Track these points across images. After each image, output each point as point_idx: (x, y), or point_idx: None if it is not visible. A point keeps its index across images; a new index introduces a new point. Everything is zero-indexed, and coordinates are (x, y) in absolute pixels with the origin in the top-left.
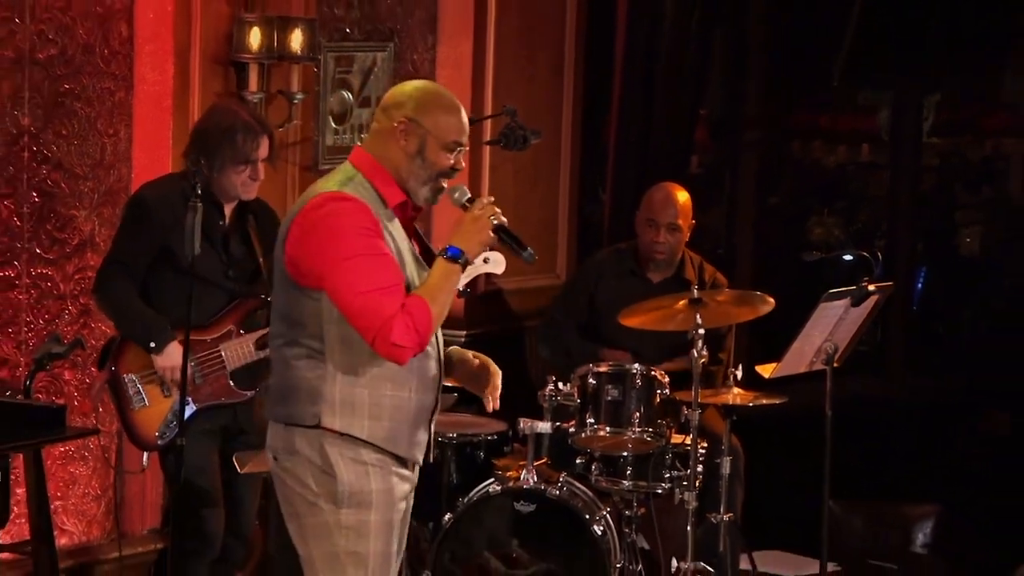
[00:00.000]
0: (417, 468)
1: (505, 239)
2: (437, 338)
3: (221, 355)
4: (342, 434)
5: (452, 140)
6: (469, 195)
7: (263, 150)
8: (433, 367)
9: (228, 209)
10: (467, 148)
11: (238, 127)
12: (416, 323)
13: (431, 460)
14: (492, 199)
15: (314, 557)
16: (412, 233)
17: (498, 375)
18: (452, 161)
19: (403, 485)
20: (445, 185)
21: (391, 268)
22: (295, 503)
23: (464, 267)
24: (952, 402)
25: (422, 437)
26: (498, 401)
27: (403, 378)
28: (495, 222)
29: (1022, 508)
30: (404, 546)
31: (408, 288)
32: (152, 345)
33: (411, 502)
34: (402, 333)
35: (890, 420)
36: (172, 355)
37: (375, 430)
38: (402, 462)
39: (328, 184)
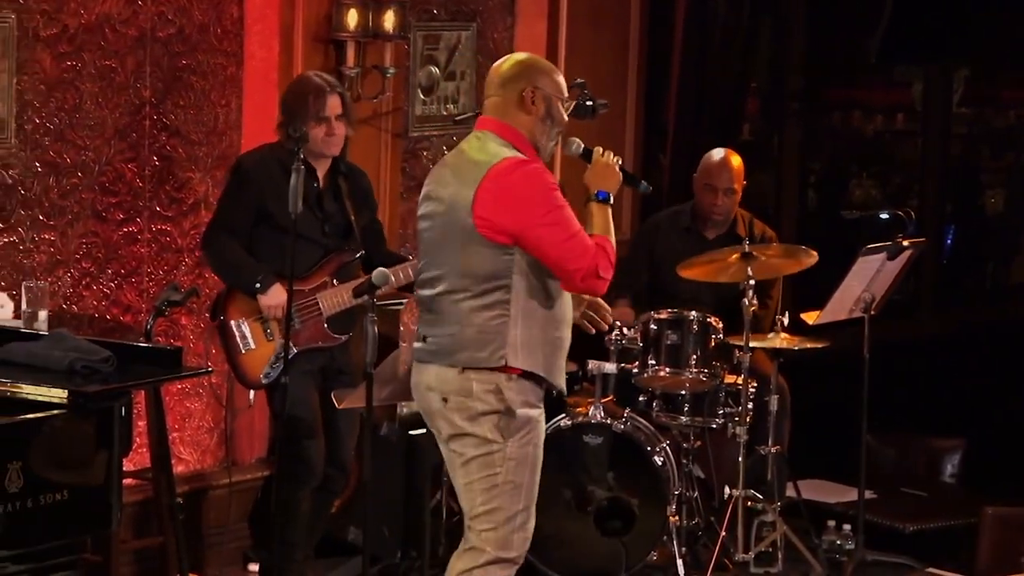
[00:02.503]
0: None
1: (625, 176)
2: None
3: (318, 303)
4: (520, 373)
5: (566, 96)
6: (583, 145)
7: (334, 107)
8: (571, 307)
9: (321, 172)
10: None
11: (309, 90)
12: (609, 257)
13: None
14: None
15: (475, 488)
16: None
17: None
18: (567, 116)
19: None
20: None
21: (574, 216)
22: (463, 439)
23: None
24: (977, 345)
25: (566, 369)
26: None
27: (563, 318)
28: (619, 163)
29: None
30: None
31: None
32: (257, 286)
33: None
34: (606, 267)
35: (921, 362)
36: (276, 295)
37: (548, 366)
38: (544, 396)
39: (489, 152)
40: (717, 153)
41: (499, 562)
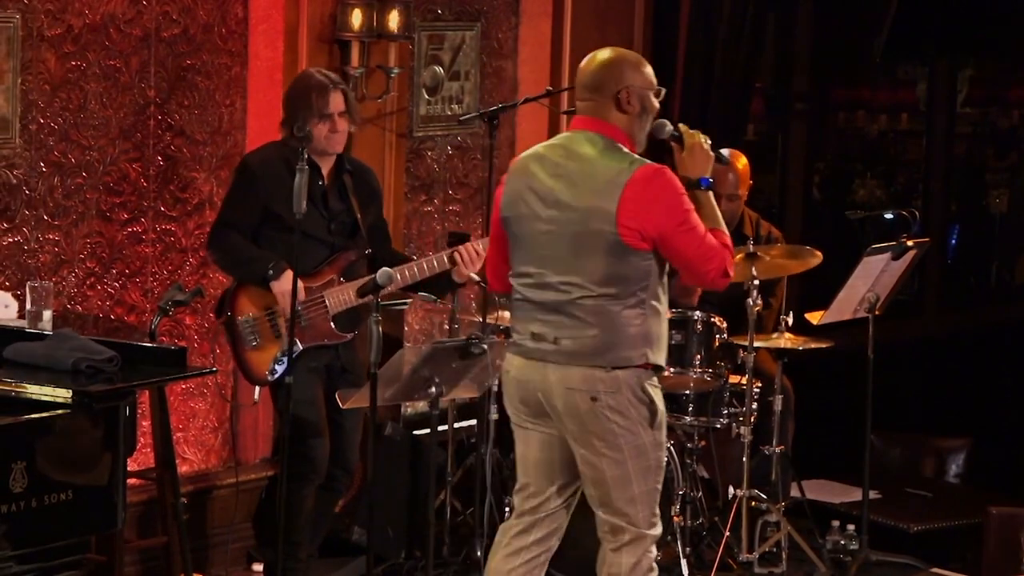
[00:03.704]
0: None
1: (714, 152)
2: None
3: (324, 301)
4: (655, 366)
5: (656, 85)
6: (672, 127)
7: (336, 103)
8: None
9: (325, 170)
10: None
11: (311, 86)
12: (732, 253)
13: None
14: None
15: (631, 473)
16: None
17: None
18: (657, 103)
19: None
20: None
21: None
22: (614, 432)
23: None
24: (982, 345)
25: None
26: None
27: (666, 311)
28: (708, 142)
29: None
30: None
31: None
32: (270, 273)
33: None
34: (731, 263)
35: (926, 362)
36: (288, 280)
37: (666, 357)
38: None
39: (617, 159)
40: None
41: (654, 541)
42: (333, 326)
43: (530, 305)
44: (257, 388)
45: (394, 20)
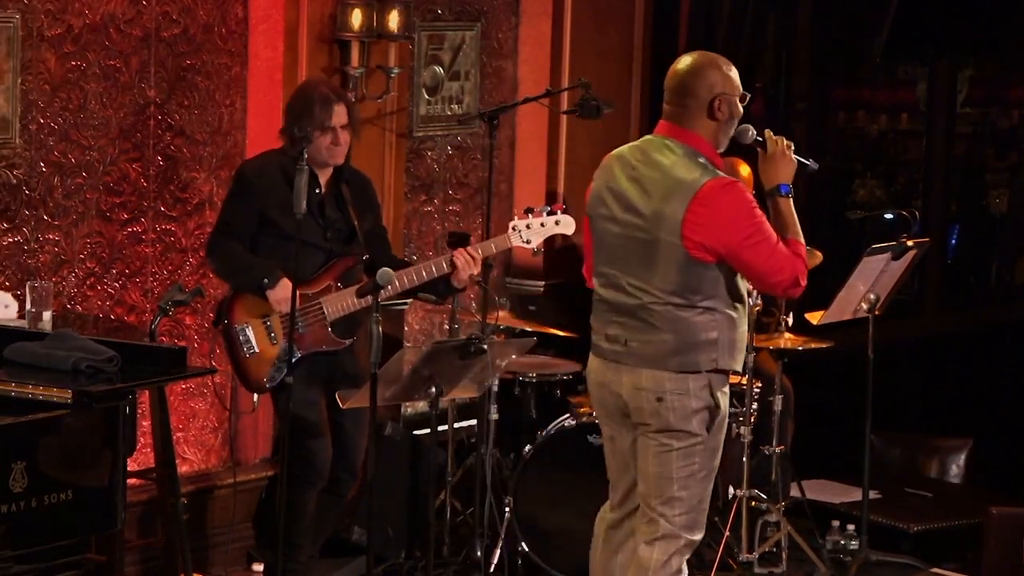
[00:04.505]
0: None
1: (799, 159)
2: None
3: (322, 307)
4: (724, 371)
5: (740, 88)
6: (755, 132)
7: (339, 117)
8: None
9: (323, 178)
10: None
11: (315, 98)
12: (805, 262)
13: None
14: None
15: (672, 477)
16: None
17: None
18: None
19: None
20: None
21: (770, 226)
22: (669, 433)
23: None
24: (982, 345)
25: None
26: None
27: (743, 315)
28: (792, 147)
29: None
30: None
31: None
32: (266, 281)
33: None
34: (803, 272)
35: (926, 362)
36: (285, 288)
37: (740, 361)
38: None
39: (690, 169)
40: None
41: (690, 545)
42: (331, 332)
43: (606, 306)
44: (255, 395)
45: (394, 20)
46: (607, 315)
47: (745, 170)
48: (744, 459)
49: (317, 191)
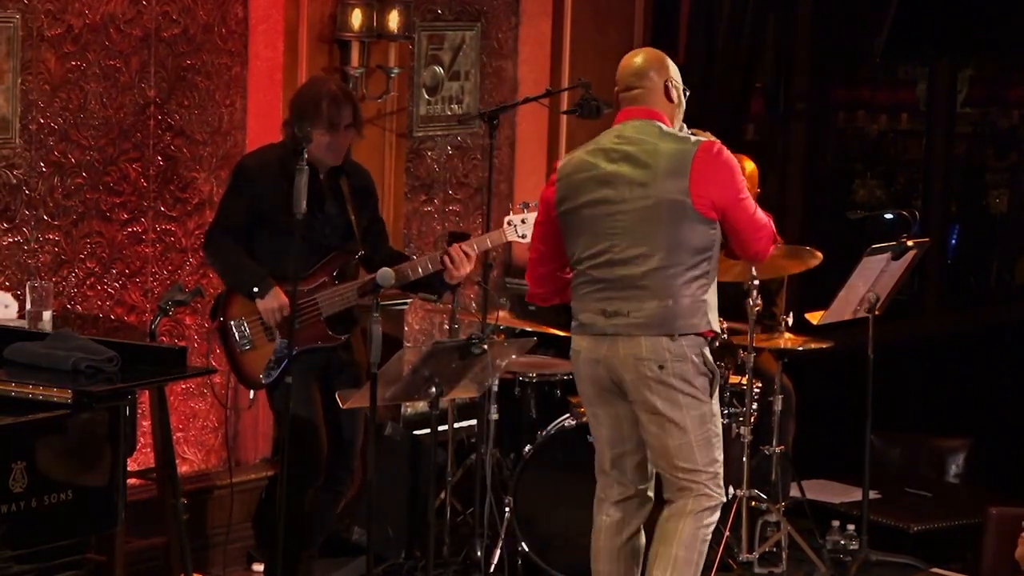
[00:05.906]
0: None
1: None
2: None
3: (317, 303)
4: (712, 336)
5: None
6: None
7: (345, 117)
8: None
9: (322, 173)
10: None
11: (324, 96)
12: (774, 229)
13: None
14: None
15: (694, 444)
16: None
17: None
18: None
19: None
20: None
21: None
22: (678, 401)
23: None
24: (982, 345)
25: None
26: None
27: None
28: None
29: None
30: None
31: None
32: (255, 290)
33: None
34: (775, 234)
35: (926, 362)
36: (273, 298)
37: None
38: None
39: (680, 136)
40: None
41: (718, 505)
42: (326, 328)
43: (601, 284)
44: (252, 391)
45: (394, 20)
46: (602, 293)
47: (749, 166)
48: (744, 459)
49: (316, 187)
